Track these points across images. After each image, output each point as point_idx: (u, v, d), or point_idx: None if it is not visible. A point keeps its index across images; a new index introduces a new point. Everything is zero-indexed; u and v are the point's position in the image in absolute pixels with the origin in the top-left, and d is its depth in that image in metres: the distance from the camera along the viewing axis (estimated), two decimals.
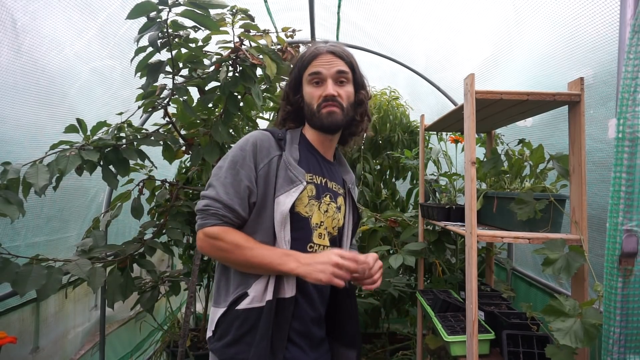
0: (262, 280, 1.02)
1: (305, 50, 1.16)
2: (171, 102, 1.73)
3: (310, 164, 1.12)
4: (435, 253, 2.03)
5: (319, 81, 1.10)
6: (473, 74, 1.28)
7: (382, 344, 2.76)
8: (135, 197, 1.91)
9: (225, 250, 1.01)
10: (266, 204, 1.04)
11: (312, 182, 1.10)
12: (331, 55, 1.11)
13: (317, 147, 1.16)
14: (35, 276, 1.31)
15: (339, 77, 1.10)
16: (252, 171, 1.05)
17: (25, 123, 1.57)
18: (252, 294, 1.01)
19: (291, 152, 1.09)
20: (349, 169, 1.28)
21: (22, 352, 1.66)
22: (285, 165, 1.06)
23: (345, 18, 2.69)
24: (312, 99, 1.11)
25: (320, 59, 1.10)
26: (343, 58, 1.12)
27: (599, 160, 1.46)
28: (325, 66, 1.09)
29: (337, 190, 1.17)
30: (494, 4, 1.93)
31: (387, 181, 3.02)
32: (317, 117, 1.10)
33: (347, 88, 1.12)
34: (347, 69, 1.11)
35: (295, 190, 1.04)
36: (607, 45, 1.36)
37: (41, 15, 1.49)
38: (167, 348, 2.57)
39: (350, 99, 1.13)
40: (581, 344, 1.00)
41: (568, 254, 1.16)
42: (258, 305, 1.01)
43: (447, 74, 2.71)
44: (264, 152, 1.06)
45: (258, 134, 1.10)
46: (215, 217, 1.02)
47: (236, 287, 1.05)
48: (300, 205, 1.07)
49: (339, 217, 1.17)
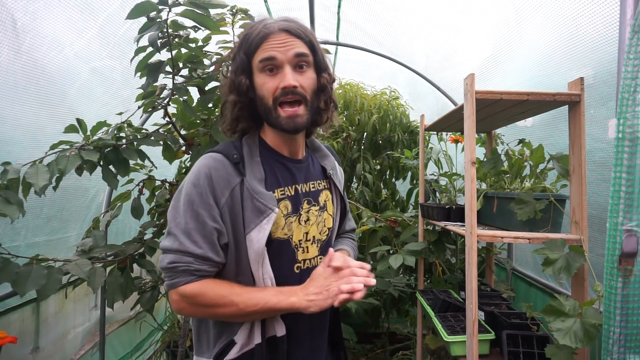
0: (247, 324, 0.91)
1: (250, 28, 0.93)
2: (171, 102, 1.72)
3: (280, 176, 0.97)
4: (435, 253, 2.02)
5: (273, 68, 0.89)
6: (473, 74, 1.28)
7: (382, 344, 2.76)
8: (135, 197, 1.90)
9: (210, 306, 0.87)
10: (239, 242, 0.90)
11: (284, 198, 0.95)
12: (286, 34, 0.89)
13: (281, 151, 0.99)
14: (35, 276, 1.30)
15: (298, 61, 0.90)
16: (214, 209, 0.87)
17: (25, 123, 1.57)
18: (240, 341, 0.90)
19: (254, 173, 0.91)
20: (325, 152, 1.11)
21: (22, 352, 1.66)
22: (250, 194, 0.89)
23: (345, 18, 2.69)
24: (266, 92, 0.90)
25: (273, 40, 0.89)
26: (301, 37, 0.90)
27: (599, 160, 1.46)
28: (279, 49, 0.88)
29: (317, 188, 1.04)
30: (494, 4, 1.93)
31: (387, 181, 3.02)
32: (274, 116, 0.91)
33: (309, 74, 0.92)
34: (306, 50, 0.91)
35: (267, 221, 0.88)
36: (607, 45, 1.36)
37: (41, 15, 1.49)
38: (167, 348, 2.57)
39: (313, 86, 0.93)
40: (581, 344, 1.00)
41: (568, 254, 1.16)
42: (248, 349, 0.90)
43: (447, 74, 2.71)
44: (222, 184, 0.88)
45: (210, 162, 0.90)
46: (187, 274, 0.86)
47: (219, 336, 0.93)
48: (277, 231, 0.93)
49: (325, 216, 1.04)
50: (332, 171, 1.08)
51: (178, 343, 2.11)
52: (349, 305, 2.11)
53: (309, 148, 1.10)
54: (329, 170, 1.07)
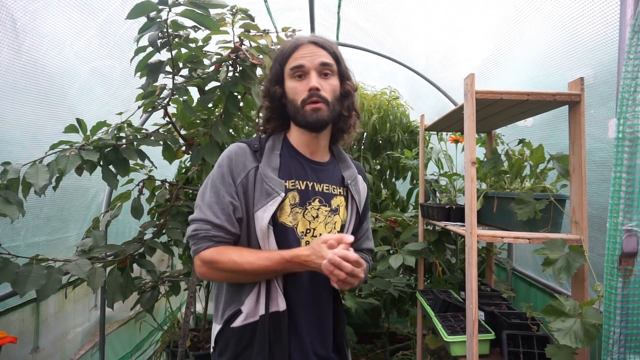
0: (254, 295, 1.01)
1: (285, 43, 1.10)
2: (171, 102, 1.73)
3: (293, 170, 1.07)
4: (435, 253, 2.02)
5: (301, 74, 1.04)
6: (473, 73, 1.28)
7: (382, 344, 2.76)
8: (135, 197, 1.91)
9: (227, 270, 0.99)
10: (249, 218, 1.03)
11: (294, 189, 1.06)
12: (313, 46, 1.04)
13: (302, 150, 1.11)
14: (35, 276, 1.30)
15: (323, 69, 1.04)
16: (232, 187, 1.02)
17: (25, 123, 1.57)
18: (245, 310, 1.01)
19: (269, 162, 1.05)
20: (350, 164, 1.21)
21: (22, 352, 1.66)
22: (262, 178, 1.02)
23: (346, 18, 2.69)
24: (295, 94, 1.05)
25: (302, 50, 1.04)
26: (326, 48, 1.05)
27: (599, 160, 1.46)
28: (307, 57, 1.03)
29: (331, 192, 1.11)
30: (494, 4, 1.93)
31: (387, 181, 3.02)
32: (301, 113, 1.03)
33: (332, 81, 1.06)
34: (331, 60, 1.05)
35: (272, 203, 1.00)
36: (607, 45, 1.36)
37: (41, 15, 1.49)
38: (167, 348, 2.57)
39: (335, 92, 1.06)
40: (581, 344, 1.00)
41: (568, 254, 1.16)
42: (252, 321, 1.00)
43: (447, 74, 2.71)
44: (239, 167, 1.04)
45: (233, 148, 1.07)
46: (206, 240, 1.00)
47: (229, 304, 1.04)
48: (283, 216, 1.03)
49: (335, 219, 1.11)
50: (350, 181, 1.15)
51: (178, 343, 2.11)
52: (349, 305, 2.11)
53: (336, 158, 1.20)
54: (347, 179, 1.15)
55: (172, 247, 2.02)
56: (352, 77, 1.13)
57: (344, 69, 1.10)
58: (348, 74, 1.11)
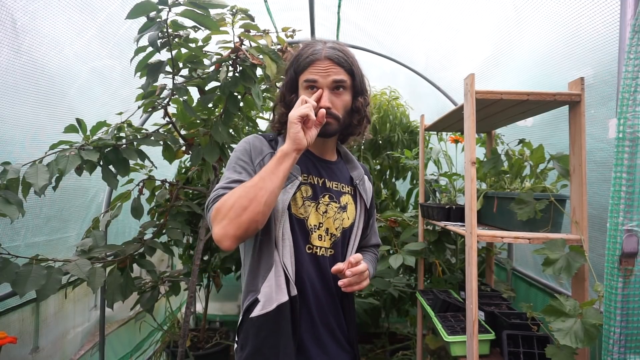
0: (269, 282, 1.01)
1: (302, 49, 1.10)
2: (171, 102, 1.73)
3: (305, 166, 1.11)
4: (435, 253, 2.02)
5: (314, 87, 1.07)
6: (473, 73, 1.28)
7: (382, 344, 2.76)
8: (135, 197, 1.91)
9: (237, 205, 0.92)
10: None
11: (307, 183, 1.10)
12: (329, 62, 1.05)
13: (311, 149, 1.15)
14: (35, 276, 1.30)
15: (335, 85, 1.06)
16: (250, 165, 1.06)
17: (25, 123, 1.57)
18: (262, 299, 1.01)
19: None
20: (357, 164, 1.25)
21: (22, 352, 1.66)
22: None
23: (346, 18, 2.68)
24: None
25: (318, 66, 1.05)
26: (342, 64, 1.06)
27: (599, 160, 1.45)
28: (321, 74, 1.05)
29: (340, 189, 1.15)
30: (494, 4, 1.93)
31: (387, 181, 3.02)
32: None
33: (344, 97, 1.08)
34: (345, 77, 1.06)
35: (291, 186, 1.04)
36: (608, 45, 1.36)
37: (41, 15, 1.49)
38: (167, 348, 2.57)
39: (346, 107, 1.09)
40: (581, 344, 0.99)
41: (568, 254, 1.16)
42: (270, 310, 1.00)
43: (447, 74, 2.71)
44: (257, 151, 1.09)
45: (250, 137, 1.13)
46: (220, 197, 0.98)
47: (247, 293, 1.06)
48: (294, 207, 1.06)
49: (344, 216, 1.14)
50: (358, 181, 1.20)
51: (178, 343, 2.11)
52: None
53: (343, 158, 1.24)
54: (355, 179, 1.20)
55: (172, 247, 2.02)
56: (367, 86, 1.15)
57: (359, 82, 1.11)
58: (363, 87, 1.13)
